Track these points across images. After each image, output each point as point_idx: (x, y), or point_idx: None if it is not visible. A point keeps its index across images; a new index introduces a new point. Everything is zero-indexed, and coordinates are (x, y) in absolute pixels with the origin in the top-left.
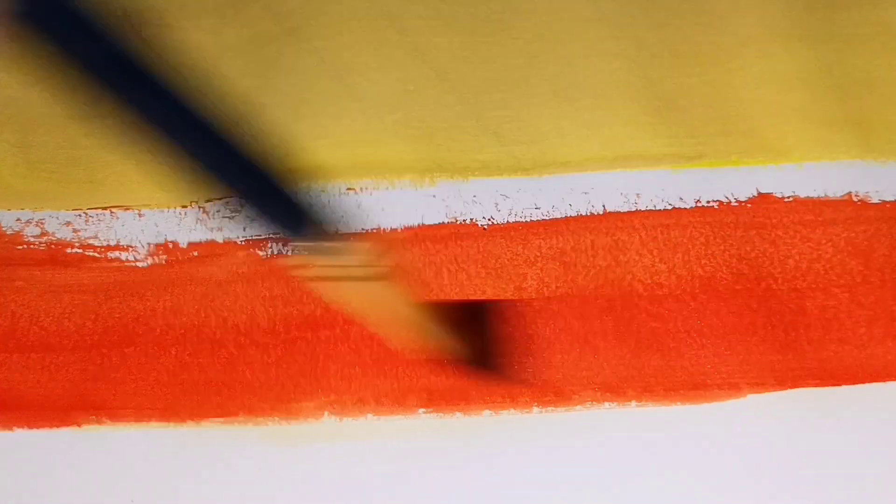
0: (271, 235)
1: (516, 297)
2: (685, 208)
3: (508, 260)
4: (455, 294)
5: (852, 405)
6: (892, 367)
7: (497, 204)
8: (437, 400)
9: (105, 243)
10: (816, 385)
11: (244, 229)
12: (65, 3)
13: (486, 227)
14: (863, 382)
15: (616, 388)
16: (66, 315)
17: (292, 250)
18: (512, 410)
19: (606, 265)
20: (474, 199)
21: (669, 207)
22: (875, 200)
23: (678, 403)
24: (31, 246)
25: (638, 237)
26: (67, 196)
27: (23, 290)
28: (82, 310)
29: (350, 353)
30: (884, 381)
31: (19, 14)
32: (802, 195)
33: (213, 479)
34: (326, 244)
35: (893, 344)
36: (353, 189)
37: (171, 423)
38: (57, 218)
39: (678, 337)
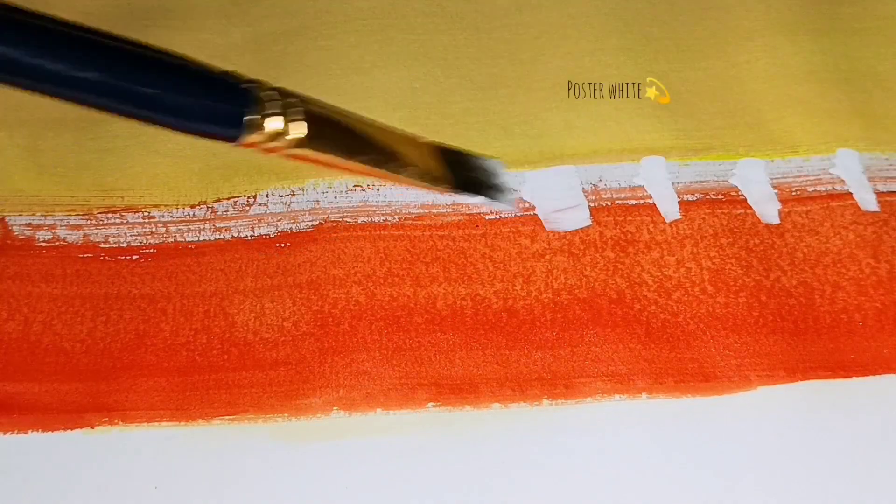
0: (278, 233)
1: (525, 290)
2: (693, 200)
3: (517, 253)
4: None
5: (862, 396)
6: None
7: None
8: (446, 394)
9: (115, 246)
10: (827, 377)
11: (252, 228)
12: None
13: (493, 220)
14: (873, 374)
15: (626, 381)
16: (78, 318)
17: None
18: (522, 403)
19: (615, 257)
20: None
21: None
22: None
23: (689, 396)
24: (43, 250)
25: (646, 229)
26: (77, 199)
27: (35, 295)
28: (93, 313)
29: (358, 348)
30: (894, 372)
31: None
32: (810, 189)
33: (223, 477)
34: None
35: None
36: (360, 185)
37: (182, 423)
38: (67, 221)
39: (688, 329)
